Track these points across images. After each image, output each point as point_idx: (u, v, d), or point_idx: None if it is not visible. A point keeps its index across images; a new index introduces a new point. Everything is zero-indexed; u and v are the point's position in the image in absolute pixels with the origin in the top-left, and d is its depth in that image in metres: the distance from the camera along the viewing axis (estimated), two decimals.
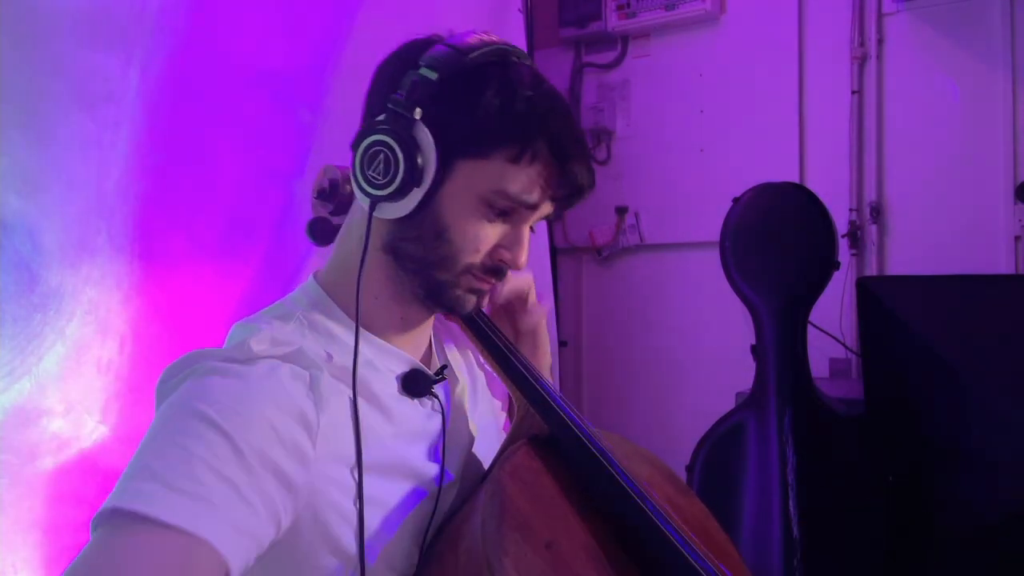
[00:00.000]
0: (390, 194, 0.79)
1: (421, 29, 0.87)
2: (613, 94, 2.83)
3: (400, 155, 0.78)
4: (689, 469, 2.05)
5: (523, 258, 0.85)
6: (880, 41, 2.37)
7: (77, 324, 1.40)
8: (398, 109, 0.79)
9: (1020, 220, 2.16)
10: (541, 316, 1.03)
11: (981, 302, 1.85)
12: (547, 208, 0.85)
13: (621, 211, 2.81)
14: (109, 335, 1.45)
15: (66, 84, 1.38)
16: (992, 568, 1.74)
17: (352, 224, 0.88)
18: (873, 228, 2.38)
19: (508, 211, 0.83)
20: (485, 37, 0.83)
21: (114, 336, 1.45)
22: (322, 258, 0.94)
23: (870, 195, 2.39)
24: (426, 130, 0.79)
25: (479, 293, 0.86)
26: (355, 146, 0.81)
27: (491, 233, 0.83)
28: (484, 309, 0.96)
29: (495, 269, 0.85)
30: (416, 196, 0.80)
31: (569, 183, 0.83)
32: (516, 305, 1.02)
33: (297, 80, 1.66)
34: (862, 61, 2.39)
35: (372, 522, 0.79)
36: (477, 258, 0.83)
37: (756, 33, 2.56)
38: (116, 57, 1.44)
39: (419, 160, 0.78)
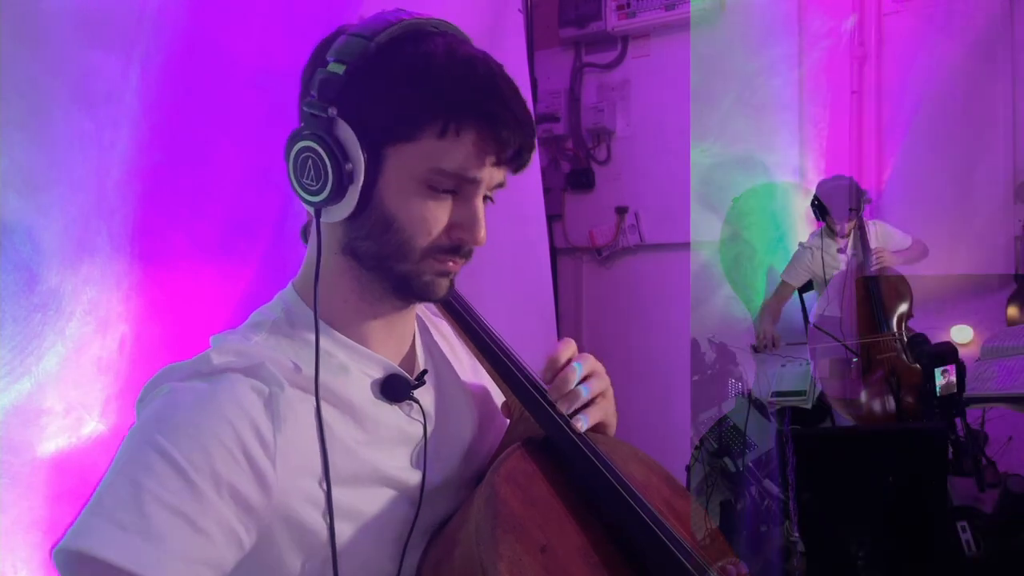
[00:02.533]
0: (328, 197, 0.78)
1: None
2: (613, 94, 2.82)
3: (325, 157, 0.77)
4: (689, 469, 2.05)
5: (481, 234, 0.82)
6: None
7: (77, 324, 1.40)
8: (314, 111, 0.78)
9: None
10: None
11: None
12: (496, 175, 0.82)
13: (621, 211, 2.81)
14: (109, 335, 1.45)
15: (66, 84, 1.38)
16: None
17: (312, 231, 0.87)
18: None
19: (453, 188, 0.80)
20: (392, 16, 0.80)
21: (114, 336, 1.45)
22: None
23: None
24: (345, 125, 0.77)
25: (448, 275, 0.84)
26: (286, 158, 0.80)
27: (439, 213, 0.80)
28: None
29: (455, 248, 0.82)
30: (354, 193, 0.78)
31: (505, 145, 0.79)
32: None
33: (297, 80, 1.65)
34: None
35: (346, 533, 0.78)
36: (431, 240, 0.80)
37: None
38: (116, 57, 1.44)
39: (346, 158, 0.77)
